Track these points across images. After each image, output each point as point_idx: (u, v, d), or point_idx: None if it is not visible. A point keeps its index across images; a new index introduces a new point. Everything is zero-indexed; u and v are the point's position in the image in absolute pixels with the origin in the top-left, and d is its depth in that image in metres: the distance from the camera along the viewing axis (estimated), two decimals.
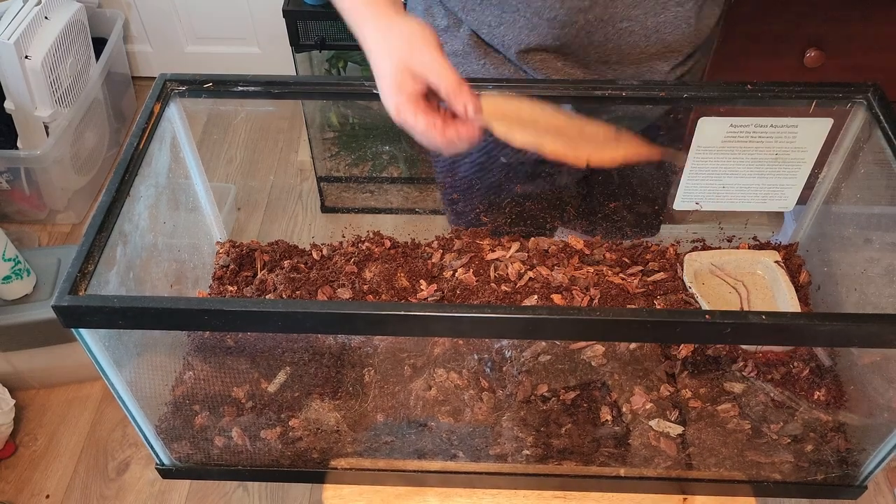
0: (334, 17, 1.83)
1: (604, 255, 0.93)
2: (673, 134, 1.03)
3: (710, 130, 0.84)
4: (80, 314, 0.63)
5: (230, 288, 0.92)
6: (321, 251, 0.95)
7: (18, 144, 1.94)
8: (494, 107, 0.67)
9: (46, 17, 1.90)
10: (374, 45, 0.65)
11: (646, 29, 0.85)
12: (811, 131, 0.83)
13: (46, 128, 1.92)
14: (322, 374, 0.83)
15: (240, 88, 0.83)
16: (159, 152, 0.81)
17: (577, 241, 0.94)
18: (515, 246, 0.93)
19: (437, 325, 0.64)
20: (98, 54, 2.14)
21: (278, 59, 2.38)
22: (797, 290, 0.90)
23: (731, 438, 0.81)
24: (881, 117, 0.78)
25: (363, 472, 0.86)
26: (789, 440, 0.81)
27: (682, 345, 0.82)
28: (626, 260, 0.93)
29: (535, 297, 0.86)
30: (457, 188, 1.06)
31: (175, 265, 0.89)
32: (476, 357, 0.83)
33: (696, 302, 0.87)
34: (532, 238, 0.94)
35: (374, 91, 0.81)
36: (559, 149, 0.67)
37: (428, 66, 0.64)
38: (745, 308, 0.90)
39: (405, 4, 0.98)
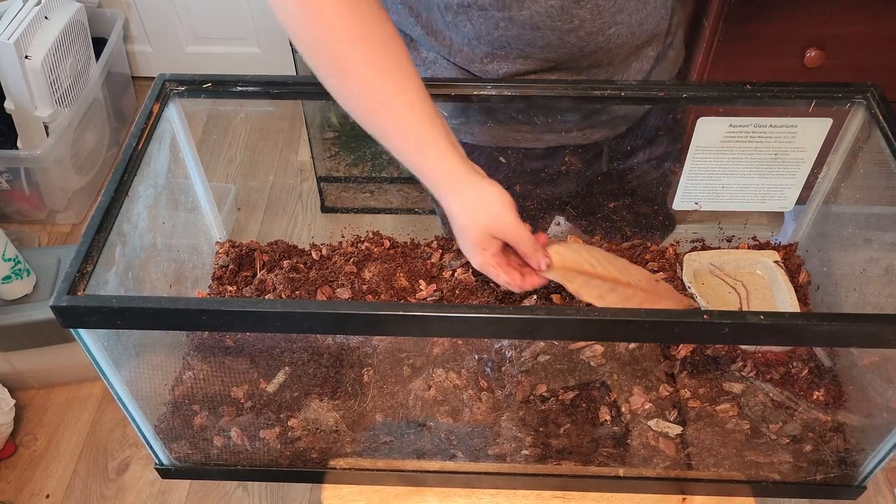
0: None
1: None
2: (674, 133, 1.03)
3: (709, 130, 0.84)
4: (78, 314, 0.63)
5: (229, 288, 0.93)
6: (321, 251, 0.95)
7: (18, 144, 1.94)
8: (560, 258, 0.78)
9: (46, 17, 1.90)
10: (460, 214, 0.73)
11: (632, 27, 0.86)
12: (811, 131, 0.83)
13: (46, 128, 1.92)
14: (321, 374, 0.83)
15: (239, 88, 0.83)
16: (158, 152, 0.81)
17: (576, 241, 0.94)
18: None
19: (436, 326, 0.64)
20: (98, 54, 2.14)
21: (278, 59, 2.38)
22: (796, 290, 0.90)
23: (730, 438, 0.81)
24: (880, 117, 0.78)
25: (362, 472, 0.86)
26: (788, 440, 0.81)
27: (682, 345, 0.82)
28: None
29: (535, 297, 0.86)
30: None
31: (174, 265, 0.89)
32: (475, 357, 0.83)
33: (696, 302, 0.87)
34: None
35: None
36: (618, 305, 0.78)
37: (508, 231, 0.72)
38: (745, 308, 0.90)
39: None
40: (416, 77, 0.71)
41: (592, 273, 0.78)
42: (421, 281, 0.89)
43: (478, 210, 0.72)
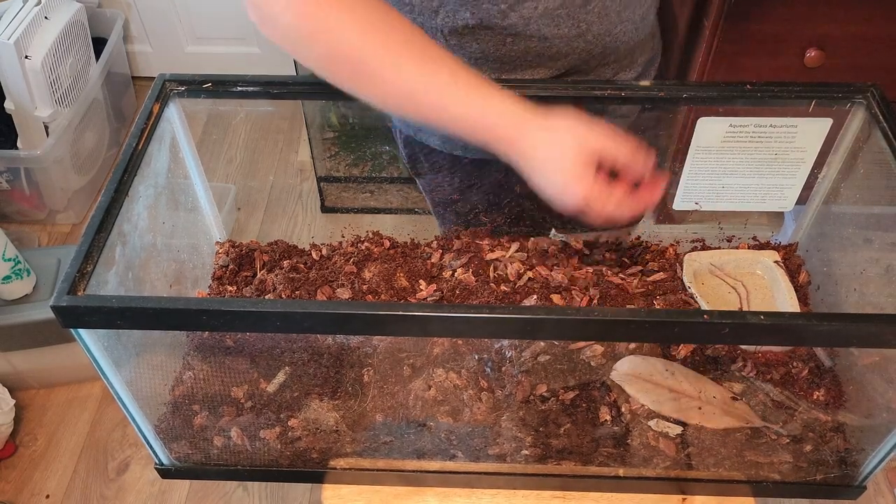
0: None
1: (603, 255, 0.93)
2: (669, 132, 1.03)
3: (709, 130, 0.84)
4: (78, 314, 0.63)
5: (229, 288, 0.92)
6: (321, 251, 0.95)
7: (18, 144, 1.94)
8: (632, 365, 0.80)
9: (46, 17, 1.90)
10: (549, 146, 0.66)
11: (636, 23, 0.86)
12: (811, 131, 0.83)
13: (46, 128, 1.92)
14: (321, 374, 0.83)
15: (239, 88, 0.83)
16: (158, 152, 0.81)
17: (576, 241, 0.94)
18: (515, 246, 0.93)
19: (436, 326, 0.64)
20: (98, 54, 2.14)
21: (278, 59, 2.38)
22: (797, 290, 0.90)
23: (730, 438, 0.81)
24: (881, 117, 0.78)
25: (362, 472, 0.86)
26: (788, 440, 0.81)
27: (682, 345, 0.82)
28: (626, 260, 0.93)
29: (535, 297, 0.86)
30: (446, 203, 1.08)
31: (174, 265, 0.89)
32: (475, 357, 0.83)
33: (696, 302, 0.87)
34: (531, 238, 0.94)
35: None
36: (673, 413, 0.80)
37: (605, 138, 0.65)
38: (745, 308, 0.90)
39: None
40: (438, 48, 0.67)
41: (662, 383, 0.81)
42: (421, 281, 0.89)
43: (566, 132, 0.65)
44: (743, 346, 0.82)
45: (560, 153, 0.65)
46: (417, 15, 0.85)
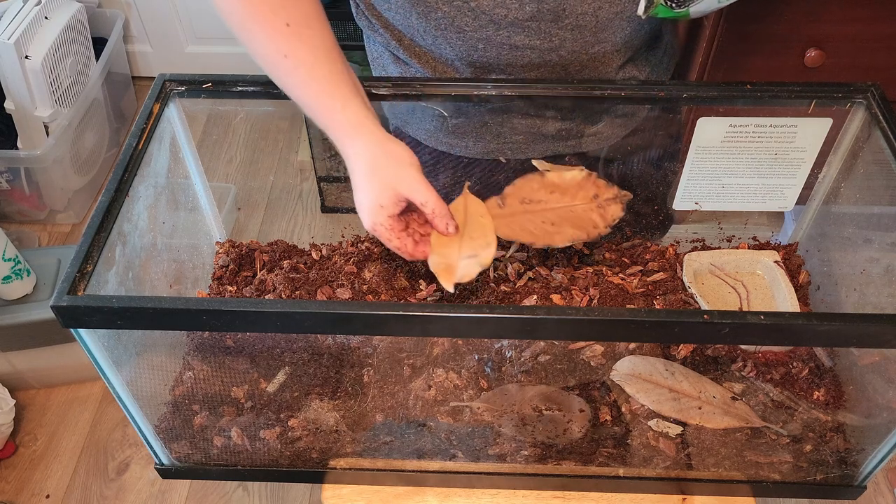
0: (333, 17, 1.83)
1: (603, 255, 0.93)
2: (671, 131, 1.03)
3: (709, 130, 0.84)
4: (78, 314, 0.63)
5: (230, 288, 0.92)
6: (321, 251, 0.95)
7: (18, 144, 1.94)
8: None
9: (46, 17, 1.90)
10: (362, 165, 0.70)
11: (617, 45, 0.86)
12: (811, 131, 0.83)
13: (46, 128, 1.92)
14: (321, 374, 0.83)
15: (239, 88, 0.83)
16: (158, 152, 0.81)
17: (577, 244, 0.94)
18: (515, 246, 0.93)
19: (436, 326, 0.64)
20: (98, 54, 2.14)
21: None
22: (797, 291, 0.90)
23: (730, 438, 0.81)
24: (881, 117, 0.78)
25: (362, 471, 0.86)
26: (788, 440, 0.81)
27: (682, 345, 0.82)
28: (626, 260, 0.93)
29: (535, 297, 0.86)
30: None
31: (174, 265, 0.89)
32: (476, 357, 0.83)
33: (696, 302, 0.87)
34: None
35: (374, 91, 0.81)
36: (672, 412, 0.80)
37: (415, 189, 0.69)
38: (745, 308, 0.90)
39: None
40: (324, 31, 0.72)
41: (662, 383, 0.81)
42: (421, 281, 0.89)
43: (383, 165, 0.69)
44: (743, 346, 0.82)
45: (374, 178, 0.70)
46: (395, 13, 0.85)
